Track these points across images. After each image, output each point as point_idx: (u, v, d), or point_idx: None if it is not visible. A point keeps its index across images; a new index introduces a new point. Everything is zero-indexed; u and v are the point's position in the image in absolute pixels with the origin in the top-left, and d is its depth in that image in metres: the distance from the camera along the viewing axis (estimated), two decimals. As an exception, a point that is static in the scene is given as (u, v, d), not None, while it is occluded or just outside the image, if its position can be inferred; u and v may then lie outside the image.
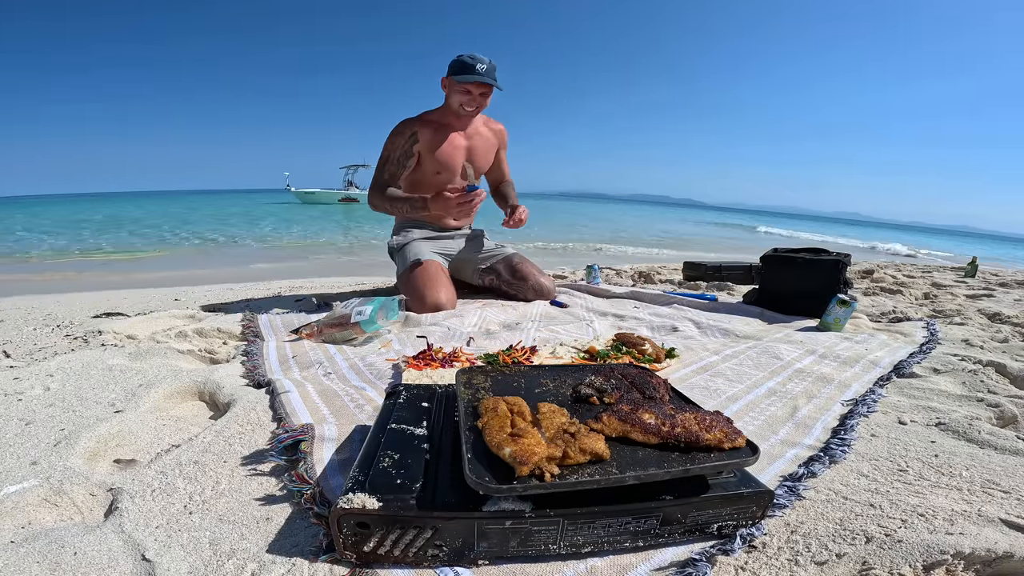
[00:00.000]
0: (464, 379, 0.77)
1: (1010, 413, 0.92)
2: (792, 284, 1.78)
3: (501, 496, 0.49)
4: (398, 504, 0.50)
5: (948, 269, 4.16)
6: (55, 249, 6.04)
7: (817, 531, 0.56)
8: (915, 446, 0.78)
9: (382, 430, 0.65)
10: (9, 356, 1.18)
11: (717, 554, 0.53)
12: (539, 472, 0.49)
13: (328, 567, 0.50)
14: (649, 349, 1.19)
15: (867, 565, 0.50)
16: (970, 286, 2.87)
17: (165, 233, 8.28)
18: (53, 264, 4.88)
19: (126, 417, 0.82)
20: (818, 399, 0.97)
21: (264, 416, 0.84)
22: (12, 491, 0.60)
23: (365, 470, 0.55)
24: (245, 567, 0.50)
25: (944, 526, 0.56)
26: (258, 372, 1.04)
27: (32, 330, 1.46)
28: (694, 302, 1.89)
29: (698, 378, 1.08)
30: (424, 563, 0.50)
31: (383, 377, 1.05)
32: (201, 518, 0.58)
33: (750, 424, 0.86)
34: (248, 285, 2.47)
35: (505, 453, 0.51)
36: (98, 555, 0.51)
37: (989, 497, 0.63)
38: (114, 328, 1.39)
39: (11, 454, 0.69)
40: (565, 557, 0.52)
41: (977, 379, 1.08)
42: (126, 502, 0.59)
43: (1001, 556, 0.51)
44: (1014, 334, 1.56)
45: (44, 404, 0.86)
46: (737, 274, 2.68)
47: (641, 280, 2.90)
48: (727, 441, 0.56)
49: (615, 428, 0.59)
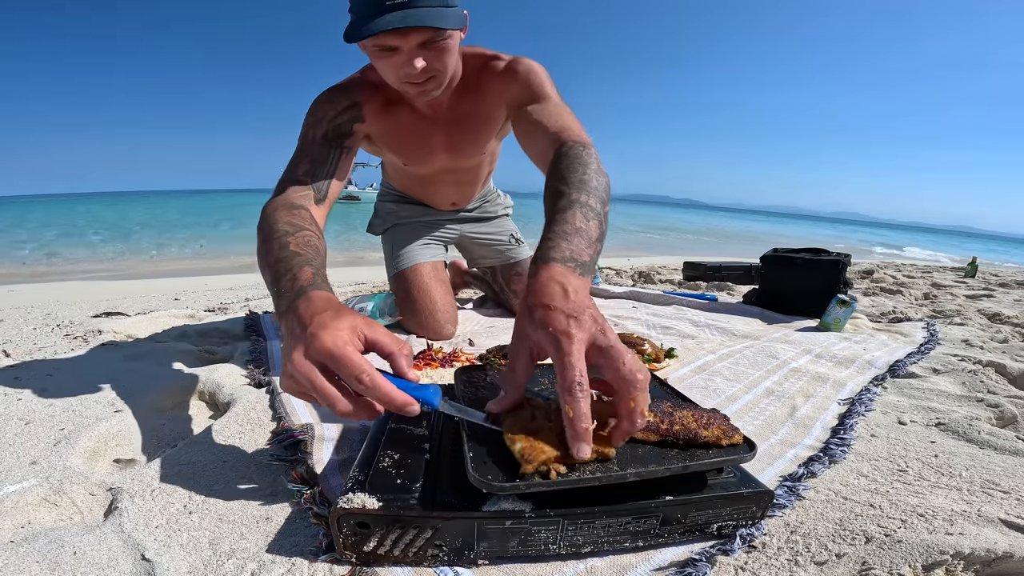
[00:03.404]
0: (463, 378, 0.77)
1: (1010, 413, 0.92)
2: (792, 284, 1.78)
3: (504, 494, 0.49)
4: (398, 504, 0.50)
5: (948, 269, 4.16)
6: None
7: (817, 531, 0.56)
8: (915, 446, 0.78)
9: (382, 430, 0.65)
10: (9, 356, 1.18)
11: (717, 554, 0.53)
12: (545, 470, 0.49)
13: (328, 567, 0.50)
14: (648, 349, 1.19)
15: (867, 565, 0.50)
16: (970, 286, 2.87)
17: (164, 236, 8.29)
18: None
19: (126, 417, 0.82)
20: (815, 398, 0.97)
21: (264, 416, 0.84)
22: (12, 491, 0.60)
23: (365, 470, 0.55)
24: (245, 567, 0.50)
25: (944, 526, 0.56)
26: (259, 372, 1.04)
27: (32, 330, 1.46)
28: (694, 302, 1.89)
29: (697, 377, 1.08)
30: (424, 563, 0.50)
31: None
32: (201, 518, 0.58)
33: (750, 424, 0.86)
34: (248, 285, 2.47)
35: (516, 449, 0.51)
36: (98, 555, 0.51)
37: (989, 497, 0.63)
38: (114, 328, 1.39)
39: (11, 454, 0.69)
40: (565, 557, 0.52)
41: (977, 379, 1.08)
42: (126, 502, 0.59)
43: (1001, 556, 0.51)
44: (1014, 334, 1.56)
45: (44, 404, 0.86)
46: (737, 274, 2.68)
47: (641, 280, 2.90)
48: (724, 438, 0.56)
49: (615, 427, 0.58)
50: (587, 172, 0.76)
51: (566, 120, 0.92)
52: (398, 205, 1.47)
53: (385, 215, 1.49)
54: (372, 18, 0.80)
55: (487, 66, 1.05)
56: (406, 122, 1.08)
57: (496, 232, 1.55)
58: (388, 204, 1.49)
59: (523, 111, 0.98)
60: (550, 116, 0.93)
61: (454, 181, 1.36)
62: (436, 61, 0.89)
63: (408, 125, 1.09)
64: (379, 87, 1.03)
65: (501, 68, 1.04)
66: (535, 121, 0.94)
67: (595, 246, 0.66)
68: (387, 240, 1.44)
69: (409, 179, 1.38)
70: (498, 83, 1.04)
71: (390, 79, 0.93)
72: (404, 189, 1.45)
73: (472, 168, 1.33)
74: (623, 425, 0.50)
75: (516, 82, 1.01)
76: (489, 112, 1.10)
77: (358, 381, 0.49)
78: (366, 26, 0.80)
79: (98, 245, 7.07)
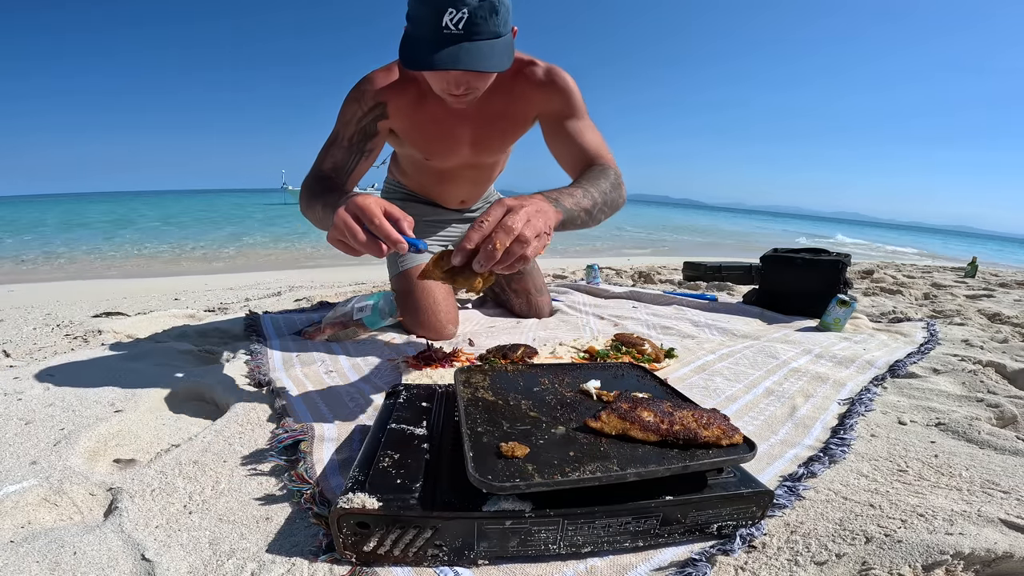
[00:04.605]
0: (463, 378, 0.77)
1: (1010, 413, 0.92)
2: (792, 284, 1.78)
3: (504, 494, 0.50)
4: (398, 504, 0.50)
5: (948, 269, 4.16)
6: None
7: (817, 531, 0.56)
8: (915, 446, 0.78)
9: (382, 430, 0.65)
10: (9, 356, 1.18)
11: (717, 554, 0.53)
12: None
13: (328, 567, 0.50)
14: (648, 349, 1.19)
15: (867, 565, 0.50)
16: (970, 286, 2.87)
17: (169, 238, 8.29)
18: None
19: (126, 417, 0.82)
20: (815, 398, 0.97)
21: (264, 416, 0.84)
22: (12, 491, 0.60)
23: (365, 470, 0.55)
24: (245, 567, 0.50)
25: (944, 526, 0.56)
26: (259, 371, 1.04)
27: (32, 330, 1.46)
28: (694, 302, 1.89)
29: (697, 377, 1.08)
30: (424, 563, 0.50)
31: (383, 377, 1.05)
32: (201, 518, 0.58)
33: (750, 424, 0.86)
34: (248, 285, 2.47)
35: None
36: (98, 555, 0.51)
37: (989, 497, 0.63)
38: (114, 328, 1.39)
39: (11, 454, 0.69)
40: (565, 557, 0.52)
41: (977, 379, 1.08)
42: (126, 502, 0.59)
43: (1001, 556, 0.51)
44: (1014, 334, 1.56)
45: (44, 404, 0.86)
46: (737, 274, 2.68)
47: (641, 280, 2.90)
48: (724, 437, 0.57)
49: (615, 426, 0.59)
50: (605, 181, 0.95)
51: (600, 145, 1.09)
52: (404, 203, 1.46)
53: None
54: (428, 42, 0.84)
55: (523, 71, 1.11)
56: (434, 116, 1.12)
57: None
58: (395, 201, 1.48)
59: (562, 124, 1.10)
60: (588, 138, 1.08)
61: (471, 178, 1.38)
62: (479, 82, 0.95)
63: (436, 119, 1.13)
64: (412, 79, 1.08)
65: (540, 77, 1.11)
66: (573, 138, 1.08)
67: (580, 203, 0.85)
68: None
69: (426, 174, 1.38)
70: (537, 93, 1.11)
71: (431, 83, 0.98)
72: (417, 186, 1.45)
73: (490, 165, 1.37)
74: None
75: (557, 96, 1.10)
76: (519, 115, 1.16)
77: (371, 223, 0.70)
78: (424, 58, 0.85)
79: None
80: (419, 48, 0.85)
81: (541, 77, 1.10)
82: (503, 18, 0.87)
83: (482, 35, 0.85)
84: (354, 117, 1.07)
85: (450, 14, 0.82)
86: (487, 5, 0.83)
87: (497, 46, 0.87)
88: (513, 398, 0.71)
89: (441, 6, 0.82)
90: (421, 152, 1.23)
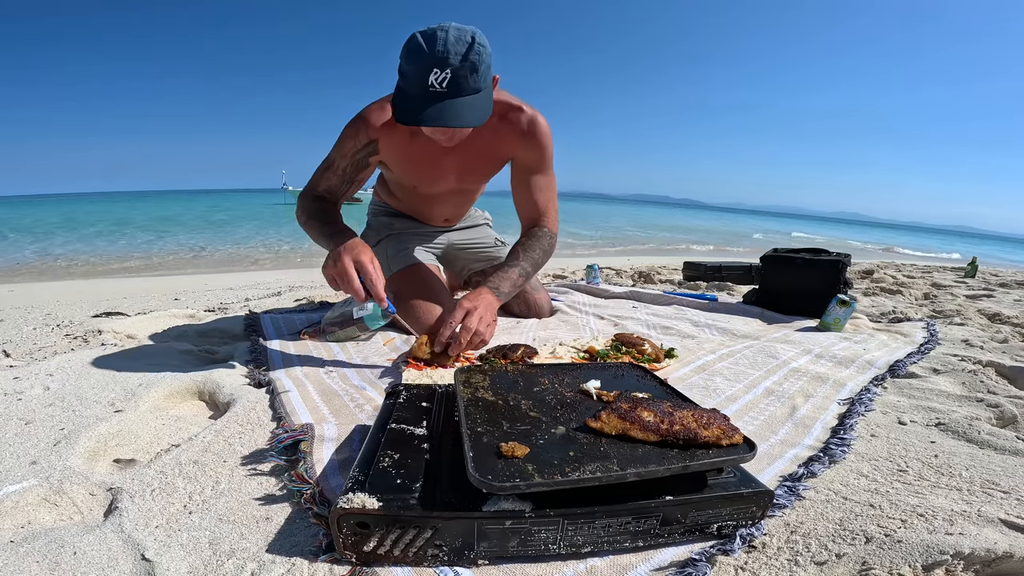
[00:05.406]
0: (463, 378, 0.77)
1: (1010, 413, 0.92)
2: (792, 284, 1.78)
3: (504, 494, 0.50)
4: (398, 504, 0.50)
5: (948, 269, 4.16)
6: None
7: (817, 531, 0.56)
8: (915, 446, 0.78)
9: (382, 430, 0.65)
10: (9, 356, 1.18)
11: (717, 554, 0.53)
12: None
13: (328, 567, 0.50)
14: (648, 349, 1.19)
15: (867, 565, 0.50)
16: (970, 286, 2.87)
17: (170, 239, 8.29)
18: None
19: (126, 417, 0.82)
20: (815, 398, 0.97)
21: (264, 416, 0.84)
22: (12, 491, 0.60)
23: (365, 470, 0.55)
24: (245, 567, 0.50)
25: (944, 526, 0.56)
26: (259, 372, 1.04)
27: (32, 330, 1.46)
28: (694, 302, 1.89)
29: (697, 377, 1.08)
30: (424, 563, 0.50)
31: (383, 376, 1.05)
32: (201, 518, 0.58)
33: (750, 424, 0.86)
34: (248, 285, 2.47)
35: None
36: (98, 555, 0.51)
37: (989, 497, 0.63)
38: (114, 328, 1.39)
39: (11, 454, 0.69)
40: (565, 557, 0.52)
41: (977, 379, 1.08)
42: (126, 502, 0.59)
43: (1001, 556, 0.51)
44: (1014, 334, 1.56)
45: (44, 404, 0.86)
46: (737, 274, 2.68)
47: (641, 280, 2.90)
48: (724, 437, 0.57)
49: (615, 426, 0.59)
50: (538, 249, 1.27)
51: (549, 203, 1.31)
52: (392, 219, 1.55)
53: (379, 227, 1.54)
54: (416, 99, 0.95)
55: (508, 116, 1.22)
56: (423, 151, 1.22)
57: (481, 237, 1.66)
58: (382, 218, 1.57)
59: (529, 175, 1.28)
60: (542, 197, 1.30)
61: (456, 202, 1.49)
62: (461, 133, 1.08)
63: (425, 154, 1.23)
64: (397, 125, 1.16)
65: (523, 127, 1.23)
66: (532, 193, 1.29)
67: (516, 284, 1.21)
68: (382, 248, 1.49)
69: (414, 197, 1.46)
70: (519, 141, 1.24)
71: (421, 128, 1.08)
72: (404, 208, 1.54)
73: (474, 191, 1.49)
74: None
75: (535, 150, 1.25)
76: (500, 154, 1.29)
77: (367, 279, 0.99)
78: (412, 115, 0.95)
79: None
80: (408, 105, 0.96)
81: (524, 128, 1.22)
82: (483, 74, 0.96)
83: (464, 92, 0.94)
84: (349, 151, 1.19)
85: (435, 74, 0.92)
86: (468, 65, 0.93)
87: (478, 101, 0.97)
88: (513, 398, 0.71)
89: (427, 67, 0.91)
90: (410, 181, 1.33)
